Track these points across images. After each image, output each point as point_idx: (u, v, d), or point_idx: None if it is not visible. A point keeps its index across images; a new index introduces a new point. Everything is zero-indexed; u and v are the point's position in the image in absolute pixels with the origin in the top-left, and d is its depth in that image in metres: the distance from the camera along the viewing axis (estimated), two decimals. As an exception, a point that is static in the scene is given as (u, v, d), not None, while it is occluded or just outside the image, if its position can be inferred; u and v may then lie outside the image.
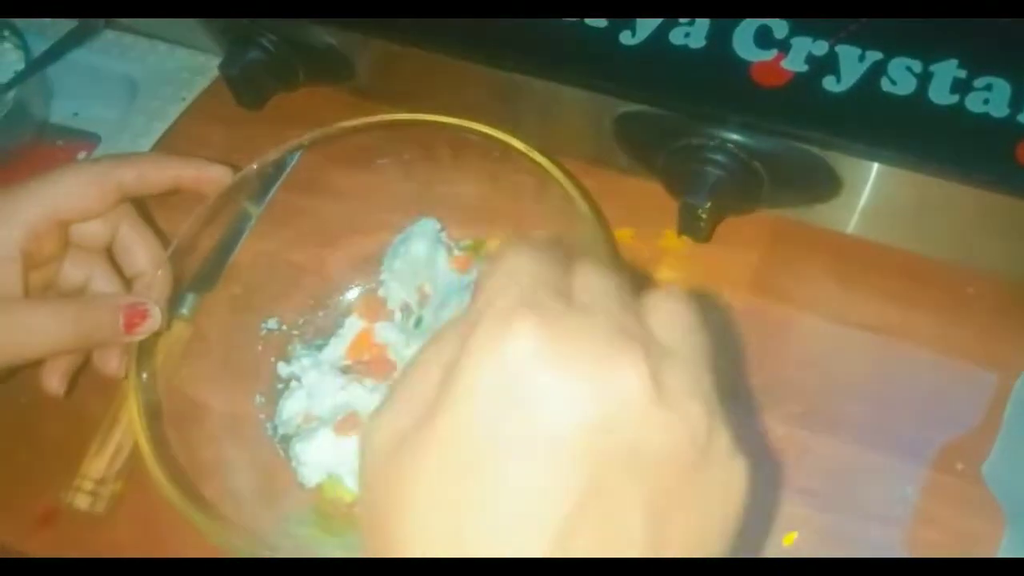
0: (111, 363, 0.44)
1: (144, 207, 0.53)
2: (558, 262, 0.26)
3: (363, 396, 0.45)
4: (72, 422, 0.49)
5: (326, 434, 0.44)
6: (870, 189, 0.42)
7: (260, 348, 0.48)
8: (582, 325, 0.23)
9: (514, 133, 0.43)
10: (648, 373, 0.22)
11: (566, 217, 0.42)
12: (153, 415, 0.41)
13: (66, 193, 0.42)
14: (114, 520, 0.46)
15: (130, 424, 0.43)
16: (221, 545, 0.37)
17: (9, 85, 0.57)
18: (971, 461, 0.41)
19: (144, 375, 0.42)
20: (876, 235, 0.45)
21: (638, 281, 0.48)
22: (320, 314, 0.50)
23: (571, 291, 0.25)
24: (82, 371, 0.50)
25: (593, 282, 0.26)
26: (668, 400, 0.23)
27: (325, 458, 0.44)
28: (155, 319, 0.42)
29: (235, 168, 0.46)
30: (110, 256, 0.46)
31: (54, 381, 0.44)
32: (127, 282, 0.46)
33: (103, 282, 0.45)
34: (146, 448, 0.39)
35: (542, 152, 0.43)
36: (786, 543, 0.42)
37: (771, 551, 0.42)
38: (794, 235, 0.48)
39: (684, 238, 0.47)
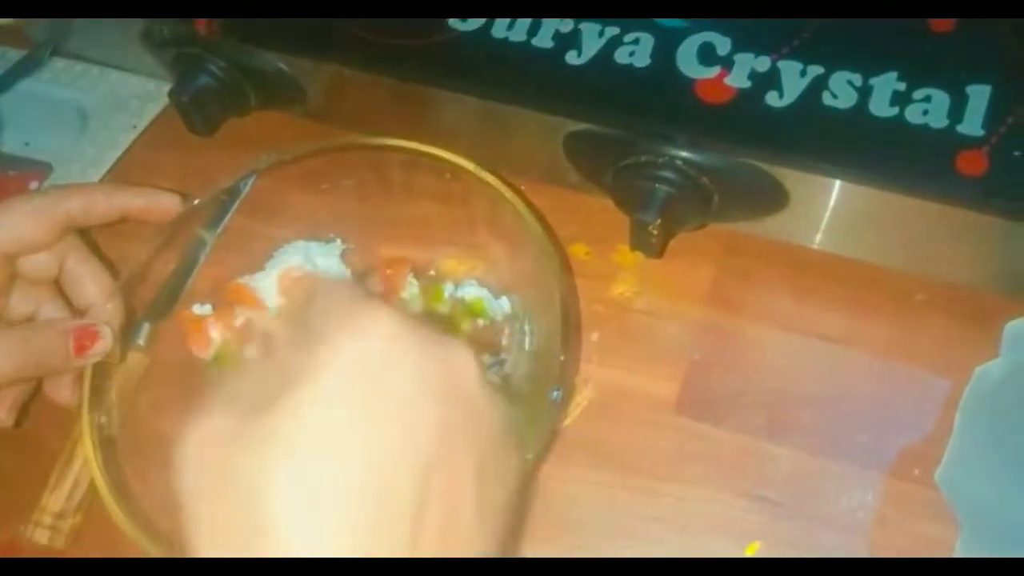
0: (62, 391, 0.44)
1: (92, 235, 0.53)
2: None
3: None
4: (28, 455, 0.48)
5: None
6: (818, 201, 0.42)
7: (218, 375, 0.48)
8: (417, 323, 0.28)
9: (465, 154, 0.43)
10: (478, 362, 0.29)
11: (518, 235, 0.43)
12: (109, 448, 0.41)
13: (11, 225, 0.42)
14: (74, 554, 0.45)
15: (86, 460, 0.42)
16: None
17: (-42, 116, 0.56)
18: (927, 466, 0.42)
19: (99, 410, 0.42)
20: (827, 246, 0.45)
21: (593, 295, 0.49)
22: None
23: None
24: (37, 401, 0.50)
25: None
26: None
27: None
28: (106, 340, 0.42)
29: (188, 195, 0.46)
30: (58, 288, 0.45)
31: (2, 412, 0.43)
32: (77, 314, 0.45)
33: (52, 315, 0.45)
34: (102, 484, 0.39)
35: (493, 172, 0.43)
36: (749, 552, 0.42)
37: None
38: (748, 248, 0.48)
39: (638, 253, 0.48)
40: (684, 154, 0.40)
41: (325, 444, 0.25)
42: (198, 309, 0.47)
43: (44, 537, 0.45)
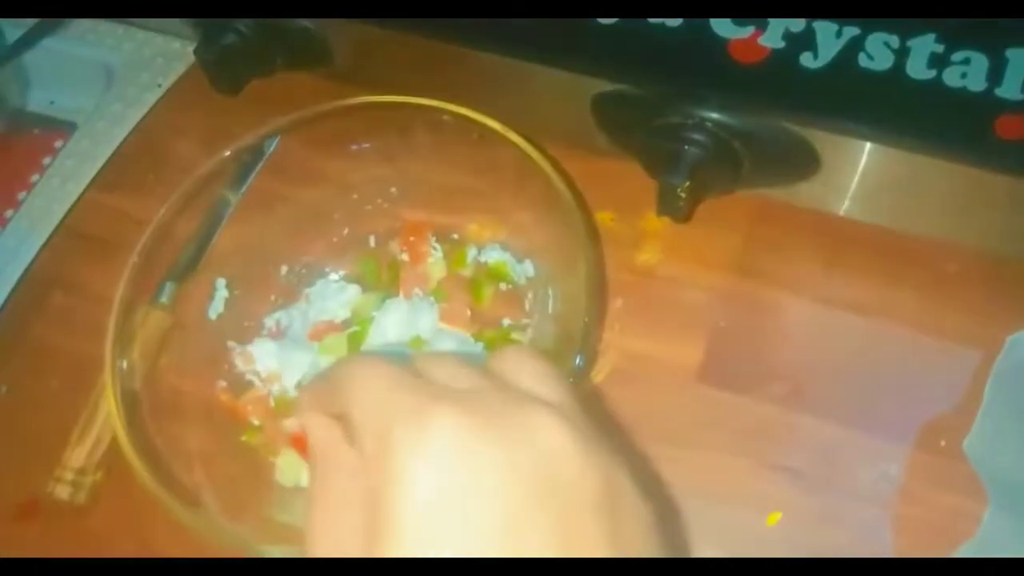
0: None
1: (120, 194, 0.53)
2: (395, 362, 0.26)
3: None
4: (51, 413, 0.49)
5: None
6: (850, 167, 0.41)
7: (241, 334, 0.48)
8: (481, 404, 0.24)
9: (493, 116, 0.43)
10: (567, 426, 0.23)
11: (545, 200, 0.42)
12: (132, 405, 0.41)
13: None
14: (95, 510, 0.46)
15: (109, 414, 0.42)
16: (201, 533, 0.37)
17: (-17, 74, 0.56)
18: (954, 438, 0.41)
19: (122, 365, 0.42)
20: (858, 214, 0.45)
21: (618, 261, 0.48)
22: (301, 299, 0.49)
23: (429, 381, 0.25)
24: (56, 359, 0.50)
25: (448, 367, 0.26)
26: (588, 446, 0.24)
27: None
28: None
29: (214, 154, 0.46)
30: None
31: None
32: None
33: None
34: (124, 439, 0.39)
35: (521, 135, 0.42)
36: (770, 523, 0.42)
37: (755, 531, 0.41)
38: (777, 216, 0.48)
39: (665, 220, 0.47)
40: (715, 115, 0.40)
41: None
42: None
43: (65, 493, 0.45)
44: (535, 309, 0.47)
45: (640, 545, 0.24)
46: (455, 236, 0.49)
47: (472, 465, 0.22)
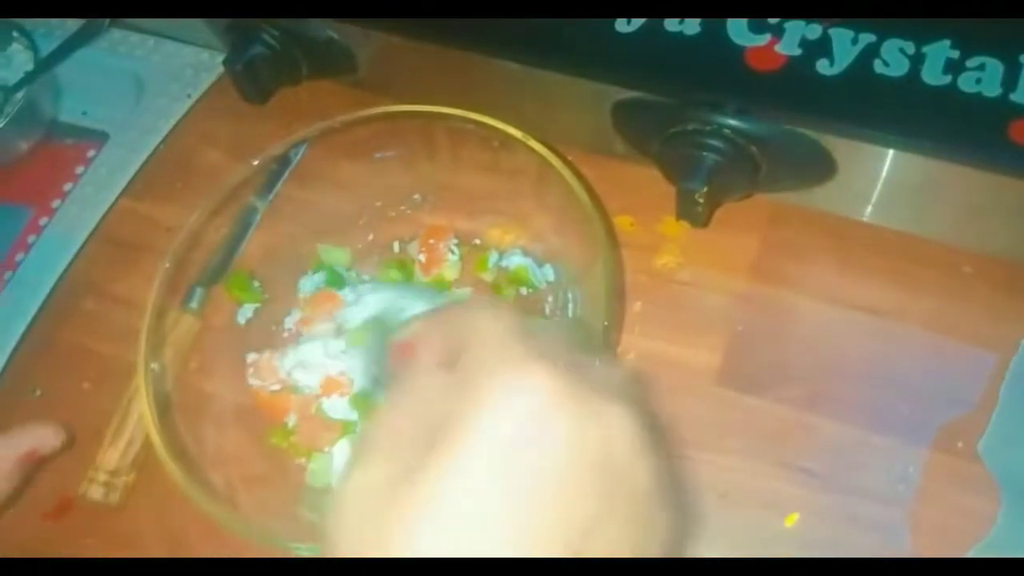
0: None
1: (150, 202, 0.54)
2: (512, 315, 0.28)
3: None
4: (83, 415, 0.50)
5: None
6: (866, 172, 0.42)
7: (270, 339, 0.49)
8: (575, 379, 0.25)
9: (513, 123, 0.44)
10: (636, 422, 0.26)
11: (565, 205, 0.43)
12: (164, 407, 0.42)
13: None
14: (127, 510, 0.47)
15: (142, 416, 0.43)
16: (233, 531, 0.38)
17: (19, 85, 0.57)
18: (971, 440, 0.41)
19: (155, 367, 0.43)
20: (874, 218, 0.45)
21: (637, 265, 0.49)
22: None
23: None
24: (92, 366, 0.51)
25: (557, 339, 0.29)
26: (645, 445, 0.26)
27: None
28: None
29: (242, 162, 0.47)
30: None
31: None
32: None
33: None
34: (157, 440, 0.40)
35: (541, 141, 0.43)
36: (788, 523, 0.42)
37: (773, 532, 0.42)
38: (793, 219, 0.48)
39: (684, 224, 0.48)
40: (732, 122, 0.40)
41: (466, 530, 0.23)
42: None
43: (99, 493, 0.46)
44: (555, 313, 0.48)
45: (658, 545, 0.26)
46: (477, 241, 0.50)
47: (546, 426, 0.24)
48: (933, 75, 0.39)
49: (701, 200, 0.42)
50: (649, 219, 0.50)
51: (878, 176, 0.42)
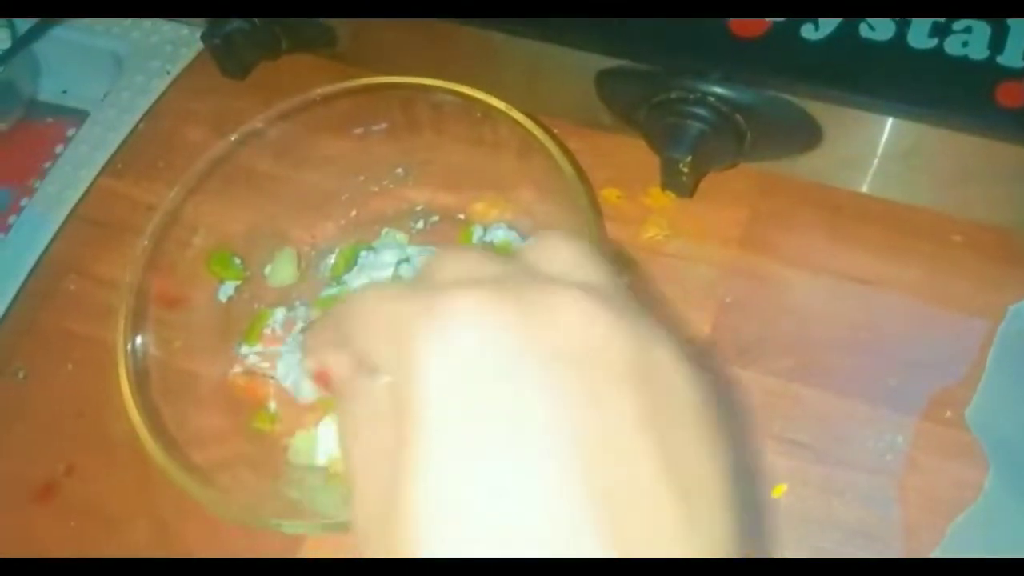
0: None
1: (130, 180, 0.54)
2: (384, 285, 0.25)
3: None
4: (66, 397, 0.49)
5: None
6: (852, 139, 0.41)
7: (251, 315, 0.48)
8: (499, 286, 0.22)
9: (497, 96, 0.43)
10: (595, 301, 0.22)
11: (549, 178, 0.42)
12: (144, 386, 0.42)
13: None
14: (112, 494, 0.47)
15: (123, 396, 0.43)
16: (215, 511, 0.38)
17: (-5, 63, 0.57)
18: (959, 409, 0.41)
19: (135, 347, 0.42)
20: (862, 186, 0.45)
21: (624, 238, 0.48)
22: (308, 279, 0.50)
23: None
24: (74, 347, 0.51)
25: (468, 260, 0.24)
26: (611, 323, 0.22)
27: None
28: None
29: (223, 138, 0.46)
30: None
31: None
32: None
33: None
34: (137, 419, 0.40)
35: (524, 113, 0.42)
36: (775, 495, 0.42)
37: (761, 503, 0.42)
38: (781, 189, 0.48)
39: (671, 196, 0.47)
40: (717, 90, 0.40)
41: (470, 462, 0.20)
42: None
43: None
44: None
45: (678, 426, 0.21)
46: (461, 216, 0.50)
47: (487, 341, 0.21)
48: (919, 39, 0.39)
49: (686, 169, 0.41)
50: (636, 192, 0.49)
51: (865, 143, 0.41)
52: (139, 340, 0.43)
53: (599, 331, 0.21)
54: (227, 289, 0.48)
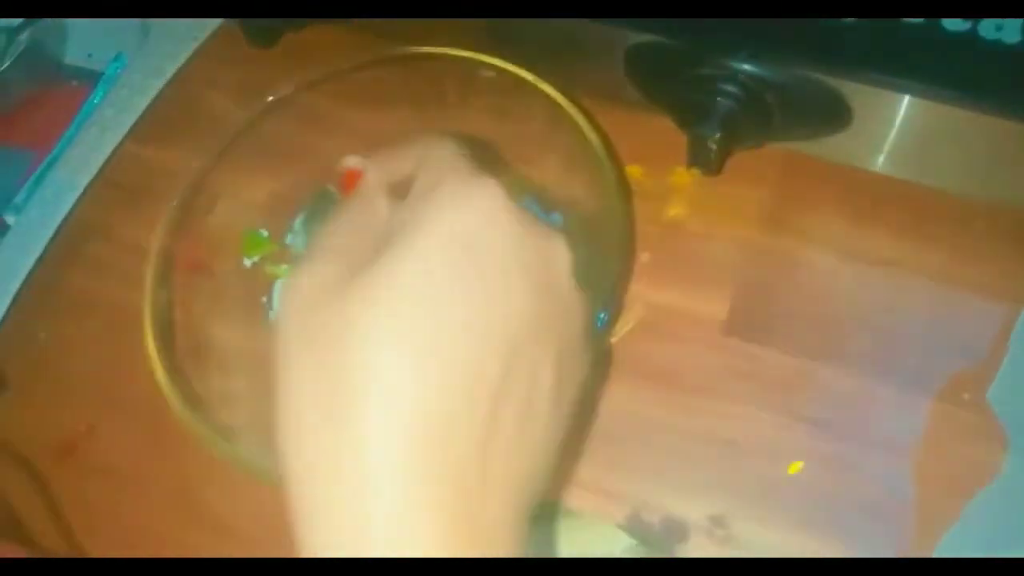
0: None
1: (155, 146, 0.54)
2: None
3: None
4: (89, 358, 0.50)
5: None
6: (881, 121, 0.41)
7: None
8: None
9: (525, 68, 0.43)
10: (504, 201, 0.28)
11: (576, 151, 0.42)
12: (169, 349, 0.42)
13: None
14: (132, 454, 0.47)
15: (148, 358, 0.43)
16: (240, 468, 0.38)
17: (22, 27, 0.57)
18: (978, 391, 0.42)
19: (161, 305, 0.43)
20: (887, 169, 0.45)
21: (647, 215, 0.49)
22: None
23: None
24: (97, 309, 0.51)
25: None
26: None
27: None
28: None
29: (247, 107, 0.47)
30: None
31: None
32: None
33: None
34: (163, 379, 0.40)
35: (552, 86, 0.43)
36: (792, 471, 0.42)
37: (777, 480, 0.42)
38: (805, 170, 0.48)
39: (694, 174, 0.47)
40: (747, 67, 0.40)
41: (420, 308, 0.25)
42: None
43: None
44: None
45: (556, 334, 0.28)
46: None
47: (498, 226, 0.27)
48: (954, 22, 0.39)
49: (714, 146, 0.41)
50: (659, 169, 0.49)
51: (893, 125, 0.41)
52: (164, 302, 0.43)
53: (504, 223, 0.27)
54: (252, 255, 0.48)
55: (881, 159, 0.44)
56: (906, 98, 0.39)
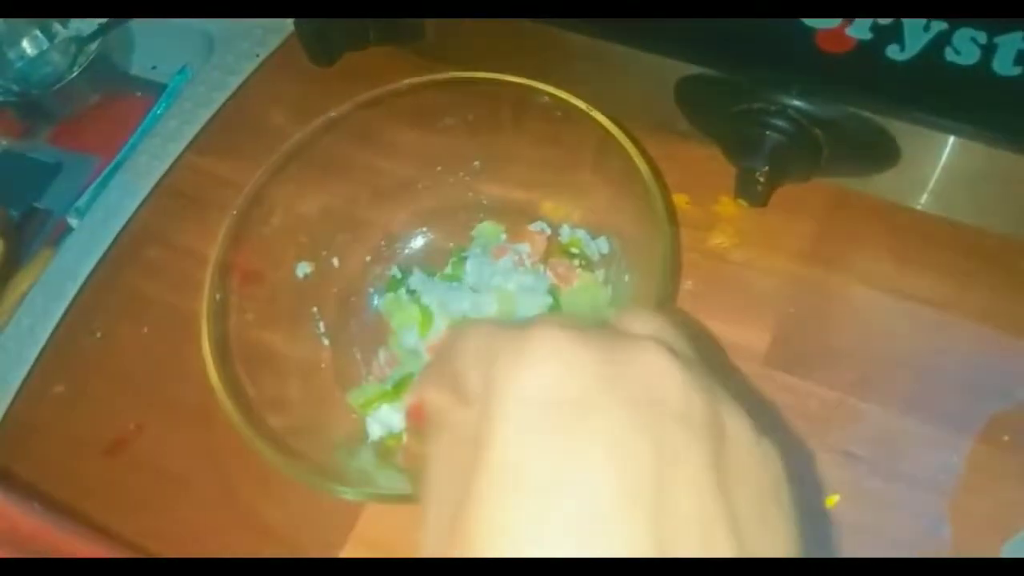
0: None
1: (214, 157, 0.56)
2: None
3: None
4: (140, 358, 0.51)
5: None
6: (929, 160, 0.42)
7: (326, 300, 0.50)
8: (583, 330, 0.23)
9: (576, 96, 0.44)
10: (672, 357, 0.23)
11: (625, 178, 0.43)
12: (223, 353, 0.43)
13: None
14: (180, 453, 0.48)
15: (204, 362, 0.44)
16: (286, 473, 0.39)
17: (92, 37, 0.59)
18: (1018, 433, 0.42)
19: (215, 313, 0.44)
20: (933, 208, 0.45)
21: (691, 244, 0.49)
22: (383, 264, 0.51)
23: None
24: (151, 311, 0.53)
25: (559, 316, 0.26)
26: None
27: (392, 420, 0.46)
28: None
29: (305, 123, 0.48)
30: None
31: None
32: None
33: None
34: (216, 379, 0.41)
35: (603, 114, 0.44)
36: (829, 504, 0.42)
37: (813, 513, 0.42)
38: (852, 206, 0.48)
39: (740, 205, 0.48)
40: (798, 103, 0.41)
41: (530, 515, 0.20)
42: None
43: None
44: (608, 285, 0.49)
45: (743, 493, 0.22)
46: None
47: (565, 376, 0.21)
48: (1004, 65, 0.39)
49: (762, 179, 0.42)
50: (705, 198, 0.50)
51: (940, 165, 0.42)
52: (220, 308, 0.45)
53: (675, 386, 0.22)
54: (304, 267, 0.50)
55: (928, 198, 0.44)
56: (951, 137, 0.40)
